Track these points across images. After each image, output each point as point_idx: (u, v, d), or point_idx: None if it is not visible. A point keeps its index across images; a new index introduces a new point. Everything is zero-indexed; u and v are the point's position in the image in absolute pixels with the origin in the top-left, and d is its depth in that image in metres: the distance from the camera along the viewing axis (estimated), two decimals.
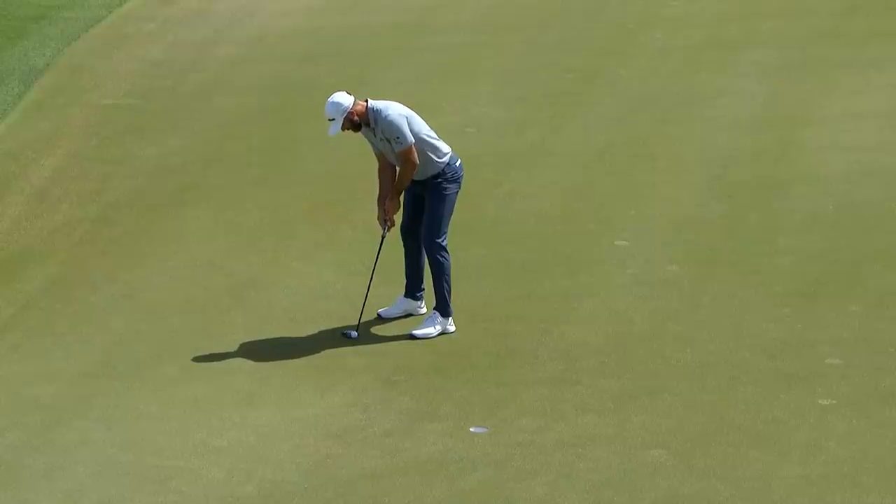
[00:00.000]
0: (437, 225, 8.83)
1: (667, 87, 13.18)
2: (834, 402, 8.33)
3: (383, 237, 8.98)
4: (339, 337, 9.18)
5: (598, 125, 12.41)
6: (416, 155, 8.75)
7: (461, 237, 9.63)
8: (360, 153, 9.80)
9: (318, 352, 9.01)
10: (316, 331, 9.26)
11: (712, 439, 8.01)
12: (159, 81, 13.60)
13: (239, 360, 8.94)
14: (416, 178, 8.87)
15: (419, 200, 8.93)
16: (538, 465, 7.84)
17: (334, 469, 7.86)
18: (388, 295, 9.34)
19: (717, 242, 10.36)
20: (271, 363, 8.90)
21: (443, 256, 8.86)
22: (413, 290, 9.12)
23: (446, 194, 8.86)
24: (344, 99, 8.74)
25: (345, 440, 8.08)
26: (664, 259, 10.12)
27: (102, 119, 12.76)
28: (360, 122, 8.76)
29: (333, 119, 8.71)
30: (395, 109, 8.77)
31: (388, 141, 8.78)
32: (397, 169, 8.90)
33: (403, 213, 8.99)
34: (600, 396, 8.44)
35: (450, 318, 8.99)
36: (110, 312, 9.57)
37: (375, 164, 9.05)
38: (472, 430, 8.18)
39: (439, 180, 8.87)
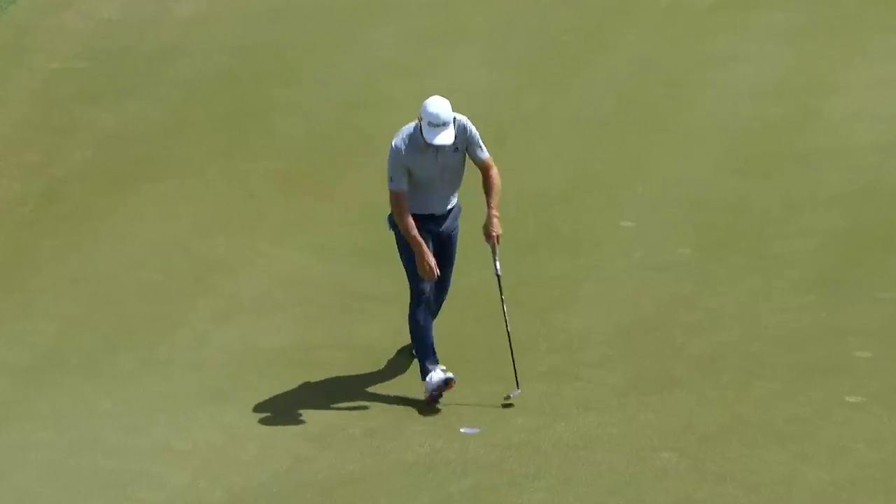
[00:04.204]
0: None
1: (677, 50, 13.17)
2: (863, 398, 8.38)
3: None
4: (315, 326, 9.19)
5: (601, 92, 12.41)
6: None
7: None
8: (341, 121, 9.81)
9: (293, 343, 9.02)
10: (291, 320, 9.27)
11: (727, 440, 8.06)
12: (113, 42, 13.54)
13: (204, 352, 8.94)
14: (441, 210, 8.35)
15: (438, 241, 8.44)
16: (535, 468, 7.88)
17: (310, 473, 7.89)
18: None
19: (731, 222, 10.38)
20: (241, 356, 8.91)
21: None
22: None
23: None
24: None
25: (322, 441, 8.12)
26: (673, 241, 10.14)
27: (49, 84, 12.71)
28: None
29: (447, 123, 8.16)
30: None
31: (472, 148, 8.40)
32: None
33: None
34: (604, 392, 8.47)
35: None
36: (59, 299, 9.55)
37: (359, 136, 8.95)
38: (462, 430, 8.22)
39: (458, 209, 8.52)
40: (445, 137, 8.23)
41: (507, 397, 8.35)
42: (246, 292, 9.59)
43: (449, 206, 8.46)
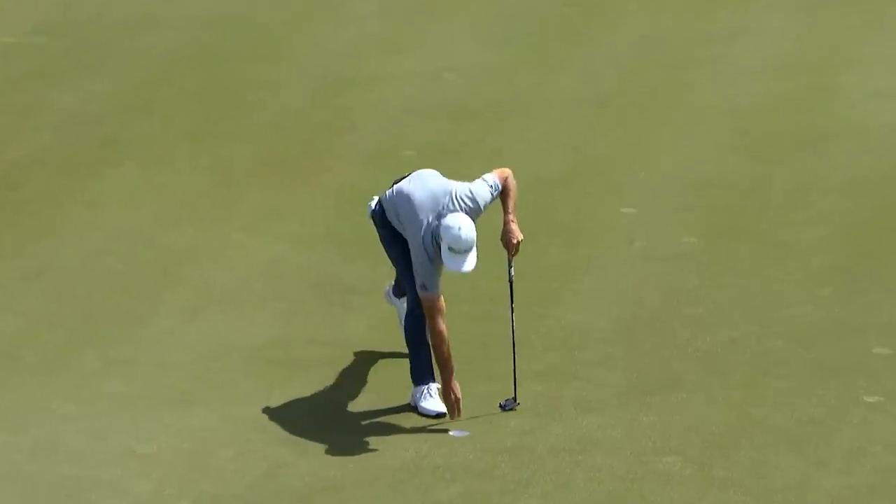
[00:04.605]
0: None
1: (681, 23, 13.18)
2: (881, 398, 8.38)
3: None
4: (293, 321, 9.17)
5: (602, 69, 12.41)
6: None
7: None
8: (321, 99, 9.76)
9: (269, 340, 9.01)
10: (266, 315, 9.25)
11: (736, 443, 8.05)
12: (73, 14, 13.50)
13: (172, 350, 8.92)
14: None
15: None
16: (529, 474, 7.87)
17: (288, 479, 7.87)
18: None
19: (740, 209, 10.39)
20: (211, 354, 8.89)
21: None
22: None
23: None
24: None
25: (299, 446, 8.10)
26: (678, 229, 10.14)
27: (4, 60, 12.68)
28: None
29: (471, 247, 8.01)
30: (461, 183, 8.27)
31: (489, 203, 8.25)
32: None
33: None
34: (603, 393, 8.47)
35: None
36: (16, 293, 9.52)
37: (340, 116, 8.88)
38: (451, 433, 8.20)
39: None
40: (470, 263, 8.03)
41: (504, 407, 8.31)
42: (217, 285, 9.57)
43: None
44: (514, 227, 8.31)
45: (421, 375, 8.33)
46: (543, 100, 11.96)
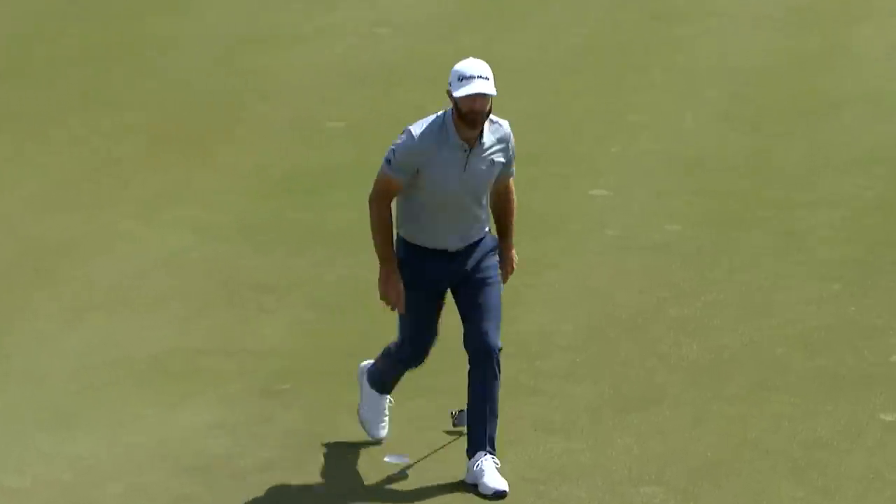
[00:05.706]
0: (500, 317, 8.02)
1: None
2: None
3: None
4: (196, 326, 9.19)
5: (569, 23, 12.47)
6: None
7: None
8: (228, 61, 9.74)
9: (167, 348, 9.01)
10: (162, 318, 9.26)
11: (728, 470, 8.10)
12: None
13: (47, 361, 8.91)
14: (456, 244, 7.98)
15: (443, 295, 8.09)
16: None
17: None
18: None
19: (736, 190, 10.46)
20: (95, 365, 8.89)
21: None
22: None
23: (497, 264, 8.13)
24: None
25: (205, 476, 8.11)
26: (661, 215, 10.20)
27: None
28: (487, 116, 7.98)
29: (483, 76, 8.04)
30: None
31: (503, 165, 8.10)
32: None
33: (425, 325, 8.05)
34: (571, 410, 8.51)
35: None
36: None
37: (252, 81, 8.85)
38: (386, 458, 8.23)
39: (490, 243, 8.08)
40: (484, 87, 8.00)
41: (456, 420, 8.33)
42: (103, 283, 9.57)
43: (468, 241, 8.02)
44: (513, 254, 8.20)
45: (379, 396, 8.24)
46: (497, 61, 11.88)
